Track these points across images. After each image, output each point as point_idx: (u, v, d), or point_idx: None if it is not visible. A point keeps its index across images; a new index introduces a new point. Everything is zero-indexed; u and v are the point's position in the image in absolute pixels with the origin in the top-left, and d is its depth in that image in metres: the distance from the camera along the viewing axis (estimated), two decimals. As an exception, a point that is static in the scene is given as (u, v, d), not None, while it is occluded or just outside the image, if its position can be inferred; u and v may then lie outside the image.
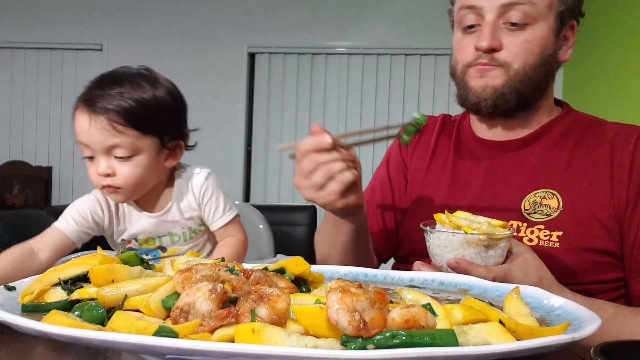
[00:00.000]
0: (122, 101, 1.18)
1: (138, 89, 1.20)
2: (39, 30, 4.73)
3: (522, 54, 1.05)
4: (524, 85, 1.07)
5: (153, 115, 1.21)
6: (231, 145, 4.54)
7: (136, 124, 1.19)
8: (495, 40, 1.05)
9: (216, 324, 0.52)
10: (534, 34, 1.05)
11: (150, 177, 1.25)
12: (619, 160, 1.05)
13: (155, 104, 1.21)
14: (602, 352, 0.51)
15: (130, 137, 1.19)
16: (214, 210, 1.31)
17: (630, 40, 2.93)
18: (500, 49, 1.06)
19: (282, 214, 3.08)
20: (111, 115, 1.17)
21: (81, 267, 0.69)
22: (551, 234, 1.03)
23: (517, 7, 1.04)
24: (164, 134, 1.24)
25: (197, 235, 1.35)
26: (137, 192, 1.26)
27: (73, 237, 1.27)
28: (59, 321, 0.56)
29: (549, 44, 1.07)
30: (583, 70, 3.63)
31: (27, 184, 4.25)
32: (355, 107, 4.55)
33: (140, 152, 1.21)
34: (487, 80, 1.07)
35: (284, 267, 0.70)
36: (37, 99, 4.83)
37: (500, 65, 1.06)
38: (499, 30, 1.06)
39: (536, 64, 1.07)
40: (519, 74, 1.06)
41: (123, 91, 1.19)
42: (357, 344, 0.49)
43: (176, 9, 4.60)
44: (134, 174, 1.21)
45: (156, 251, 1.33)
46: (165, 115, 1.23)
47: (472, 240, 0.85)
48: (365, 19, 4.49)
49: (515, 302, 0.64)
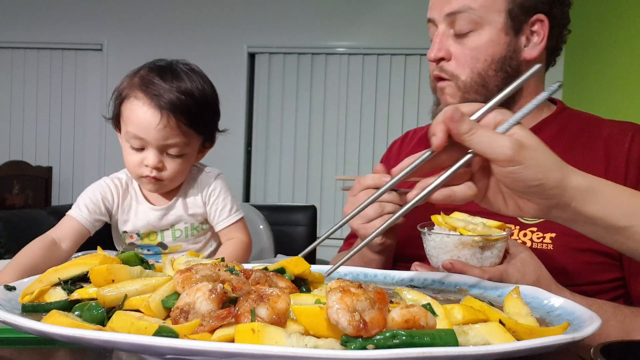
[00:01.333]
0: (188, 101, 1.21)
1: (198, 89, 1.24)
2: (39, 30, 4.73)
3: (468, 62, 1.04)
4: (481, 95, 1.05)
5: (208, 117, 1.27)
6: (231, 145, 4.54)
7: (197, 126, 1.23)
8: (441, 51, 1.05)
9: (216, 324, 0.52)
10: (479, 40, 1.04)
11: (185, 172, 1.30)
12: (614, 160, 1.04)
13: (210, 106, 1.27)
14: (602, 352, 0.51)
15: (188, 137, 1.23)
16: (220, 210, 1.33)
17: (630, 39, 2.93)
18: (450, 58, 1.05)
19: (282, 214, 3.08)
20: (178, 115, 1.19)
21: (81, 267, 0.69)
22: (544, 235, 1.02)
23: (459, 16, 1.03)
24: (208, 134, 1.29)
25: (199, 234, 1.35)
26: (174, 185, 1.30)
27: (87, 224, 1.28)
28: (59, 321, 0.56)
29: (500, 47, 1.04)
30: (583, 69, 3.64)
31: (27, 184, 4.25)
32: (355, 107, 4.55)
33: (189, 150, 1.26)
34: (446, 97, 1.07)
35: (284, 267, 0.70)
36: (37, 99, 4.83)
37: (449, 77, 1.06)
38: (448, 40, 1.05)
39: (487, 69, 1.04)
40: (468, 84, 1.05)
41: (187, 89, 1.22)
42: (357, 344, 0.49)
43: (176, 9, 4.61)
44: (180, 170, 1.26)
45: (157, 248, 1.33)
46: (212, 116, 1.28)
47: (466, 242, 0.86)
48: (365, 19, 4.49)
49: (515, 302, 0.64)
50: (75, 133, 4.84)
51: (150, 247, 1.34)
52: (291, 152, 4.62)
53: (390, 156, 1.34)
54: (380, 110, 4.52)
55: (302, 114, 4.61)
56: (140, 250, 1.33)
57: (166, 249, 1.33)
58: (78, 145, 4.84)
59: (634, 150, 1.04)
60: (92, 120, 4.76)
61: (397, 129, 4.37)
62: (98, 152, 4.73)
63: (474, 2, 1.03)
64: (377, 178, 0.96)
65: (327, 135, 4.58)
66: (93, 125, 4.76)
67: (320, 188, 4.57)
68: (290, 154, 4.62)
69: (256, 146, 4.68)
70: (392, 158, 1.32)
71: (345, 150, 4.56)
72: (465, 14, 1.02)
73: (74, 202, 1.35)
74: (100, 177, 1.38)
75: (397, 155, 1.31)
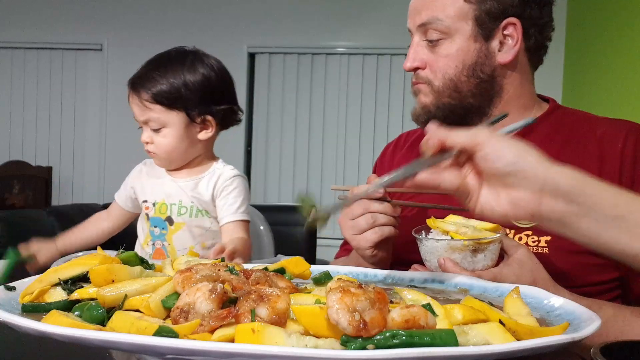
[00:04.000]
0: (153, 82, 1.38)
1: (170, 71, 1.39)
2: (39, 30, 4.73)
3: (440, 69, 1.07)
4: (455, 99, 1.07)
5: (177, 94, 1.38)
6: (231, 145, 4.54)
7: (162, 101, 1.38)
8: (416, 60, 1.08)
9: (216, 324, 0.52)
10: (449, 48, 1.06)
11: (184, 148, 1.42)
12: (608, 159, 1.03)
13: (182, 84, 1.38)
14: (602, 352, 0.51)
15: (156, 113, 1.38)
16: (228, 205, 1.42)
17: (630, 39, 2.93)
18: (424, 67, 1.08)
19: (283, 214, 3.08)
20: (142, 93, 1.38)
21: (81, 267, 0.69)
22: (539, 239, 1.01)
23: (430, 26, 1.06)
24: (191, 110, 1.39)
25: (202, 217, 1.44)
26: (173, 160, 1.45)
27: (122, 202, 1.52)
28: (59, 321, 0.56)
29: (470, 54, 1.06)
30: (583, 69, 3.64)
31: (27, 184, 4.25)
32: (355, 107, 4.54)
33: (168, 124, 1.39)
34: (421, 97, 1.10)
35: (284, 267, 0.71)
36: (37, 99, 4.83)
37: (425, 82, 1.09)
38: (422, 49, 1.09)
39: (459, 75, 1.07)
40: (441, 89, 1.07)
41: (156, 74, 1.39)
42: (357, 344, 0.49)
43: (176, 9, 4.61)
44: (165, 143, 1.40)
45: (164, 223, 1.45)
46: (190, 94, 1.39)
47: (456, 246, 0.86)
48: (365, 19, 4.48)
49: (515, 302, 0.64)
50: (75, 133, 4.83)
51: (159, 223, 1.45)
52: (291, 152, 4.62)
53: (384, 160, 1.33)
54: (380, 110, 4.51)
55: (302, 114, 4.61)
56: (152, 228, 1.46)
57: (172, 225, 1.44)
58: (78, 145, 4.84)
59: (628, 149, 1.03)
60: (92, 120, 4.76)
61: (397, 129, 4.37)
62: (98, 152, 4.73)
63: (441, 13, 1.05)
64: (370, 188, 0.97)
65: (327, 136, 4.58)
66: (93, 125, 4.76)
67: (320, 188, 4.57)
68: (290, 154, 4.62)
69: (256, 146, 4.67)
70: (386, 161, 1.32)
71: (346, 151, 4.56)
72: (434, 24, 1.06)
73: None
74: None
75: (391, 159, 1.31)
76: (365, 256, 1.03)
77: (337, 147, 4.57)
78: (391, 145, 1.35)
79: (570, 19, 3.90)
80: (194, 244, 1.41)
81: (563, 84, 3.94)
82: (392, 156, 1.31)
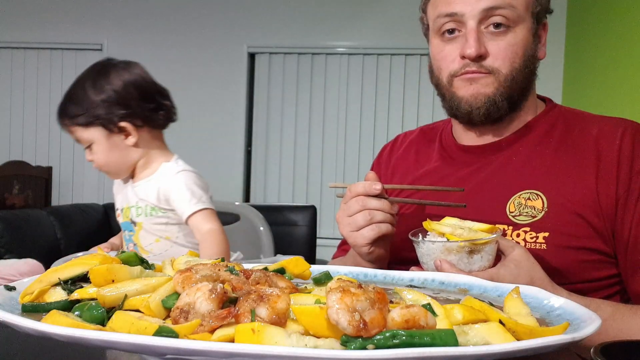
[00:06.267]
0: (67, 108, 1.51)
1: (79, 93, 1.50)
2: (39, 30, 4.73)
3: (508, 58, 1.05)
4: (512, 90, 1.07)
5: (87, 112, 1.49)
6: (231, 145, 4.54)
7: (78, 123, 1.50)
8: (482, 47, 1.05)
9: (216, 324, 0.52)
10: (516, 37, 1.06)
11: (118, 157, 1.53)
12: (605, 157, 1.03)
13: (88, 104, 1.48)
14: (602, 352, 0.51)
15: (79, 133, 1.51)
16: (181, 201, 1.49)
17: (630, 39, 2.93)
18: (487, 55, 1.05)
19: (282, 214, 3.08)
20: (63, 120, 1.53)
21: (81, 267, 0.69)
22: (537, 235, 1.01)
23: (498, 12, 1.04)
24: (107, 123, 1.49)
25: (156, 215, 1.54)
26: (117, 170, 1.56)
27: None
28: (59, 321, 0.56)
29: (530, 45, 1.08)
30: (583, 69, 3.64)
31: (27, 184, 4.25)
32: (355, 107, 4.54)
33: (93, 141, 1.52)
34: (478, 88, 1.06)
35: (284, 267, 0.70)
36: (37, 99, 4.83)
37: (489, 72, 1.05)
38: (482, 36, 1.05)
39: (521, 66, 1.07)
40: (508, 79, 1.06)
41: (67, 100, 1.52)
42: (357, 344, 0.49)
43: (176, 9, 4.60)
44: (99, 158, 1.53)
45: (130, 225, 1.57)
46: (99, 109, 1.48)
47: (451, 248, 0.87)
48: (365, 19, 4.48)
49: (515, 302, 0.64)
50: (75, 133, 4.83)
51: (127, 227, 1.57)
52: (291, 152, 4.62)
53: (381, 161, 1.33)
54: (380, 110, 4.51)
55: (302, 113, 4.61)
56: (124, 232, 1.59)
57: (135, 226, 1.56)
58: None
59: (625, 146, 1.03)
60: (92, 120, 4.76)
61: (397, 129, 4.37)
62: (98, 152, 4.73)
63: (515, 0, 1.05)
64: (368, 186, 0.99)
65: (327, 135, 4.58)
66: (93, 125, 4.75)
67: (320, 188, 4.57)
68: (290, 154, 4.62)
69: (256, 146, 4.67)
70: (383, 162, 1.32)
71: (345, 151, 4.56)
72: (506, 10, 1.04)
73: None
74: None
75: (388, 160, 1.31)
76: (362, 253, 1.03)
77: (337, 147, 4.56)
78: (388, 146, 1.35)
79: (570, 19, 3.90)
80: (159, 238, 1.53)
81: (563, 84, 3.94)
82: (389, 157, 1.32)
